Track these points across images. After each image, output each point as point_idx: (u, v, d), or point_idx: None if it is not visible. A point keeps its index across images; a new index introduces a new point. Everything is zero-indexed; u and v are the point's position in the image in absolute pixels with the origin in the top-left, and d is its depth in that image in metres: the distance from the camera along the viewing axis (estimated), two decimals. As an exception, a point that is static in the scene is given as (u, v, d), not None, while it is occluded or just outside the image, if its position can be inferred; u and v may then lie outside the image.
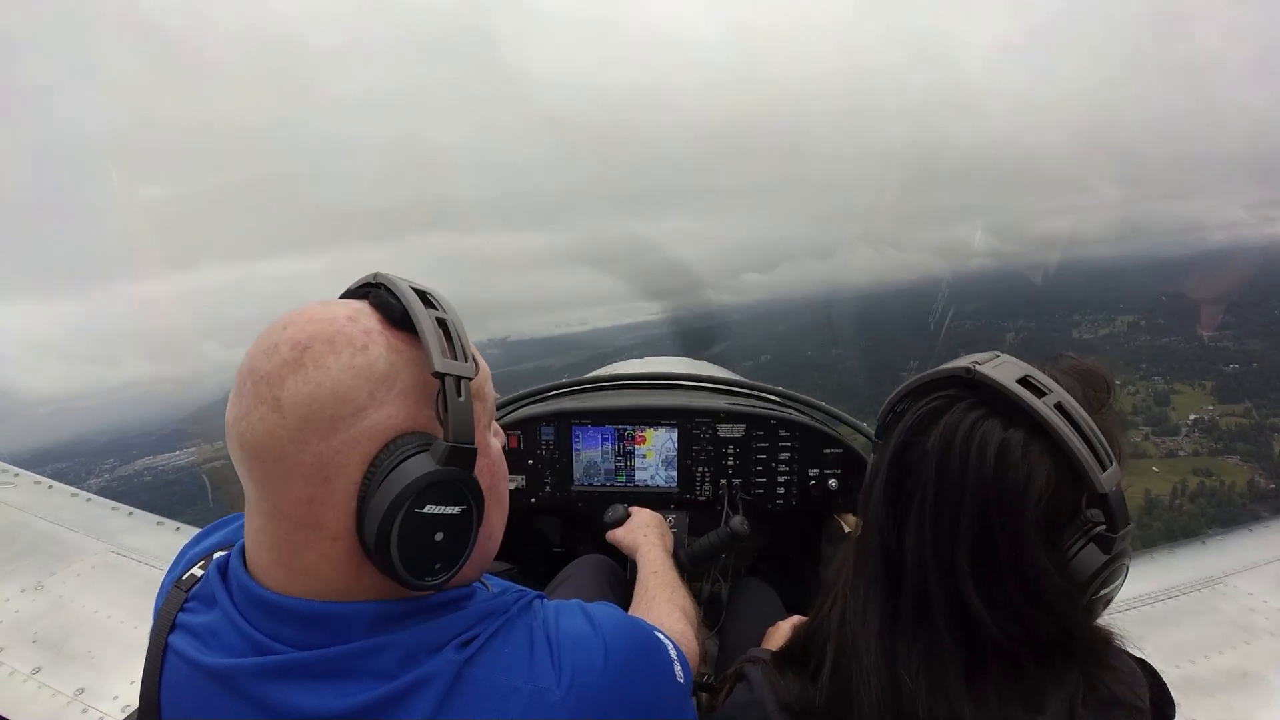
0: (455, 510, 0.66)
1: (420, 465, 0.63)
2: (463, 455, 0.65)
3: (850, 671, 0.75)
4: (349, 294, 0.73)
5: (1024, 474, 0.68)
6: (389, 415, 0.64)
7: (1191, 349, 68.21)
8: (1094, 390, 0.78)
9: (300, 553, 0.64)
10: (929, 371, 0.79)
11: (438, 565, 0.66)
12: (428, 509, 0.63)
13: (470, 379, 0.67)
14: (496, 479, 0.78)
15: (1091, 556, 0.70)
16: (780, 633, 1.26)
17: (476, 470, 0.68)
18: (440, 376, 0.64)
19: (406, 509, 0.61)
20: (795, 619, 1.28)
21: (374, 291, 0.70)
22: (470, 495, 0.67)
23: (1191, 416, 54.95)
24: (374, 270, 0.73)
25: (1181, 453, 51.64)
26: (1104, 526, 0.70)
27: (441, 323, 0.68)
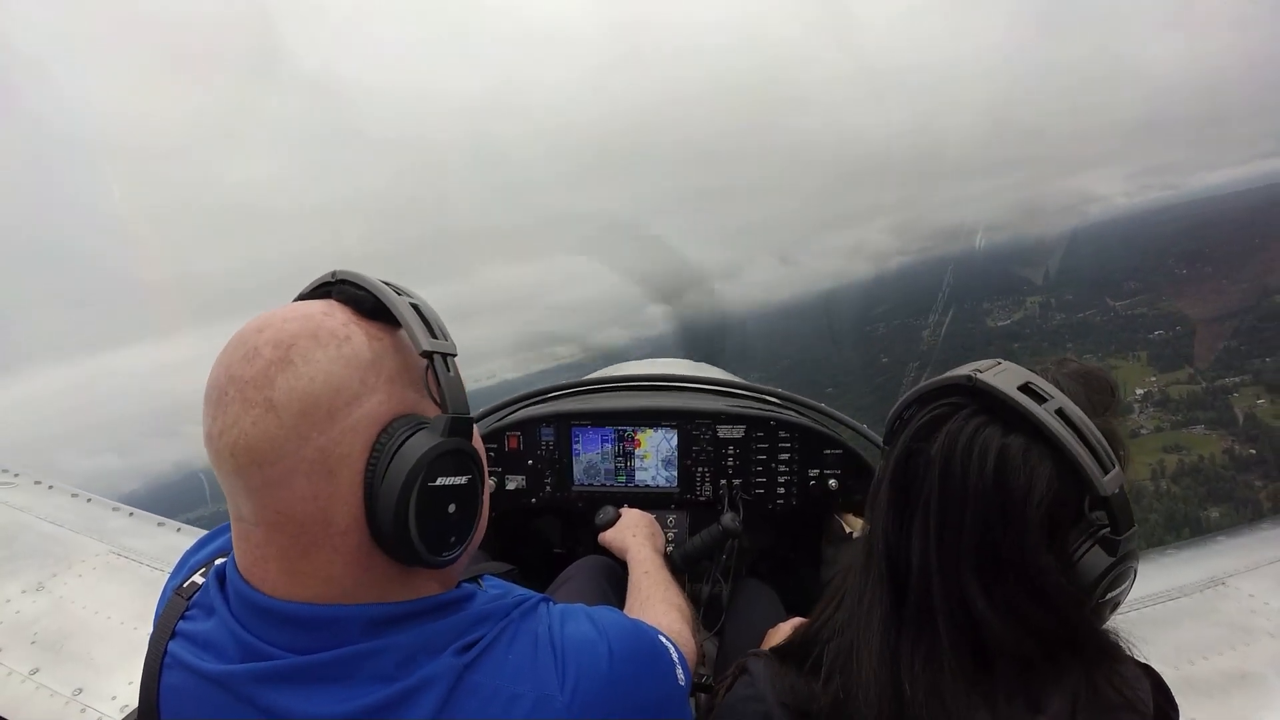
0: (463, 480, 0.68)
1: (425, 440, 0.64)
2: (463, 426, 0.68)
3: (852, 674, 0.77)
4: (304, 297, 0.73)
5: (1024, 479, 0.70)
6: (380, 401, 0.65)
7: (1110, 320, 67.61)
8: (1097, 394, 0.79)
9: (310, 554, 0.63)
10: (933, 380, 0.81)
11: (452, 538, 0.69)
12: (439, 481, 0.65)
13: (455, 355, 0.70)
14: (482, 455, 0.78)
15: (1097, 559, 0.72)
16: (780, 634, 1.26)
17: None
18: (429, 355, 0.67)
19: (421, 483, 0.63)
20: (795, 620, 1.28)
21: (336, 288, 0.71)
22: (474, 464, 0.70)
23: (1139, 391, 52.45)
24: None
25: (1144, 431, 48.46)
26: (1108, 529, 0.72)
27: (415, 307, 0.69)
